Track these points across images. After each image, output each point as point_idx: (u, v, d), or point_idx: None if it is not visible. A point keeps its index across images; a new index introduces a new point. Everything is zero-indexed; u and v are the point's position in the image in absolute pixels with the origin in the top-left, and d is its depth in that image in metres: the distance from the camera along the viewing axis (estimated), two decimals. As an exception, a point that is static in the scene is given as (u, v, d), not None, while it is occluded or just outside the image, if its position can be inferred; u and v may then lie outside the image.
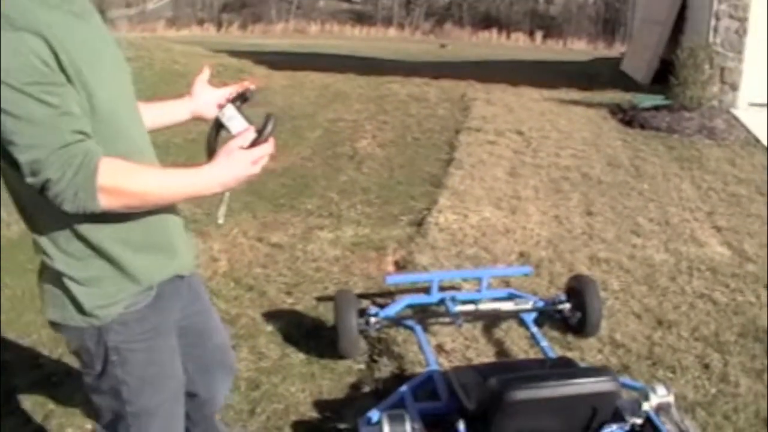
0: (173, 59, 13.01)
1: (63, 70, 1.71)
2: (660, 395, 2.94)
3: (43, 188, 1.68)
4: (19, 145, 1.66)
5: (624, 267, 5.25)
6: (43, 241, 1.90)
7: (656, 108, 9.56)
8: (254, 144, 1.86)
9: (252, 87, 2.26)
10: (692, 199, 6.74)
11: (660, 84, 10.47)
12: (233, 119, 1.99)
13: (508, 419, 2.71)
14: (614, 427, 2.81)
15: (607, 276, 5.08)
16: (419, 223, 5.92)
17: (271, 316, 4.51)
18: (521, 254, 5.41)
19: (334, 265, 5.22)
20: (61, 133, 1.67)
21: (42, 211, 1.81)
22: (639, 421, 2.85)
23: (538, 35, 41.51)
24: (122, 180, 1.72)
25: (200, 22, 44.51)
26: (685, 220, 6.22)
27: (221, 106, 2.11)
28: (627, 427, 2.84)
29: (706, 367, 3.99)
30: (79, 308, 1.91)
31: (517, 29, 43.92)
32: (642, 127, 9.21)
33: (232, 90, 2.30)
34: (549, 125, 9.12)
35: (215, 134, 2.05)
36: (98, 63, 1.84)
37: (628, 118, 9.58)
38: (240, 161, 1.84)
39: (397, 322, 4.24)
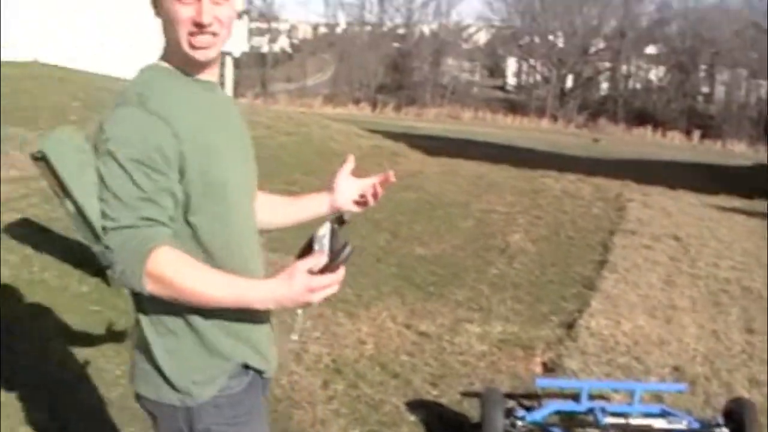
0: (330, 137, 13.42)
1: (182, 160, 1.79)
2: None
3: (106, 252, 1.78)
4: (103, 207, 1.79)
5: (787, 393, 4.95)
6: (140, 311, 1.93)
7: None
8: (324, 270, 1.77)
9: (349, 212, 2.29)
10: None
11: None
12: (322, 239, 1.90)
13: None
14: None
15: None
16: (570, 326, 5.80)
17: (414, 406, 4.48)
18: (675, 368, 5.20)
19: (480, 360, 5.16)
20: (135, 216, 1.74)
21: None
22: None
23: (696, 134, 40.58)
24: (170, 272, 1.73)
25: (356, 101, 45.90)
26: None
27: (330, 220, 2.04)
28: None
29: None
30: (173, 385, 1.91)
31: (674, 127, 43.08)
32: (809, 242, 8.78)
33: (373, 181, 2.32)
34: (708, 233, 8.82)
35: (307, 249, 1.95)
36: (226, 155, 1.90)
37: (794, 230, 9.16)
38: (300, 286, 1.74)
39: (543, 428, 4.13)
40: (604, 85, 60.70)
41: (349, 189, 2.32)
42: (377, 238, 7.73)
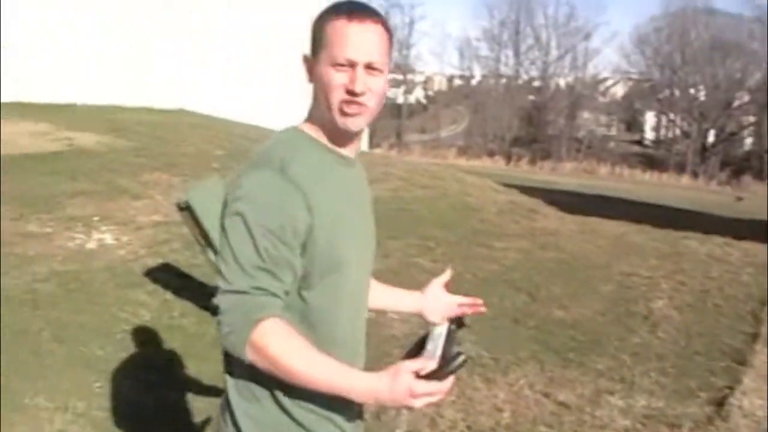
0: (465, 191, 13.34)
1: (309, 234, 1.78)
2: None
3: (215, 311, 1.77)
4: (220, 265, 1.80)
5: None
6: (228, 372, 1.91)
7: None
8: (431, 375, 1.69)
9: (479, 309, 2.32)
10: None
11: None
12: (437, 340, 1.82)
13: None
14: None
15: None
16: (720, 403, 5.46)
17: (554, 483, 4.30)
18: (839, 460, 4.81)
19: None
20: (251, 283, 1.73)
21: None
22: None
23: None
24: (274, 347, 1.70)
25: (490, 154, 45.95)
26: None
27: (449, 320, 2.01)
28: None
29: None
30: None
31: (824, 187, 41.01)
32: None
33: (464, 302, 2.31)
34: None
35: (419, 346, 1.88)
36: (351, 235, 1.90)
37: None
38: (403, 387, 1.67)
39: None
40: (748, 141, 58.66)
41: (438, 301, 2.34)
42: (515, 299, 7.57)
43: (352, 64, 1.82)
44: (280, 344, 1.70)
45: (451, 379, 1.72)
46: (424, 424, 4.90)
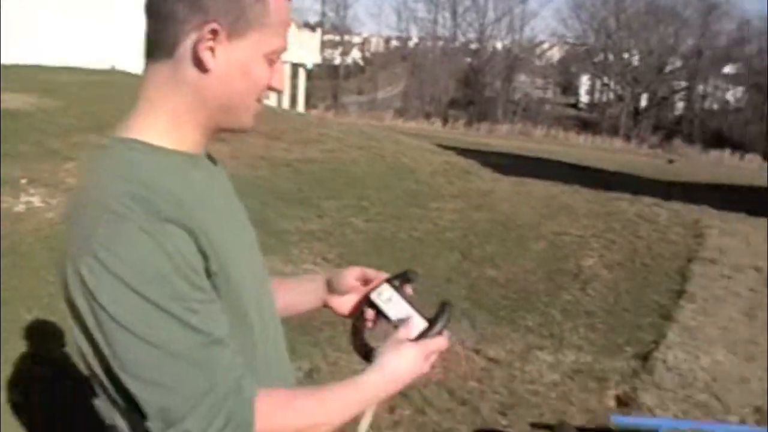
0: (401, 152, 13.36)
1: (209, 276, 1.27)
2: None
3: None
4: (147, 382, 1.19)
5: None
6: None
7: None
8: (423, 336, 1.47)
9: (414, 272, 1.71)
10: None
11: None
12: (392, 303, 1.58)
13: None
14: None
15: None
16: (645, 358, 5.60)
17: (483, 436, 4.38)
18: (757, 409, 4.97)
19: (551, 390, 5.02)
20: (210, 372, 1.21)
21: None
22: None
23: (775, 159, 39.56)
24: (283, 420, 1.31)
25: (427, 116, 46.03)
26: None
27: (367, 298, 1.64)
28: None
29: None
30: None
31: (752, 150, 42.10)
32: None
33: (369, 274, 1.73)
34: (791, 264, 8.49)
35: (364, 321, 1.62)
36: (239, 259, 1.39)
37: None
38: (413, 357, 1.44)
39: None
40: (680, 105, 59.79)
41: (353, 283, 1.75)
42: (448, 258, 7.63)
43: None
44: (286, 415, 1.33)
45: (446, 334, 1.49)
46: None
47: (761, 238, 9.44)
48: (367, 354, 1.52)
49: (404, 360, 1.43)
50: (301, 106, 31.17)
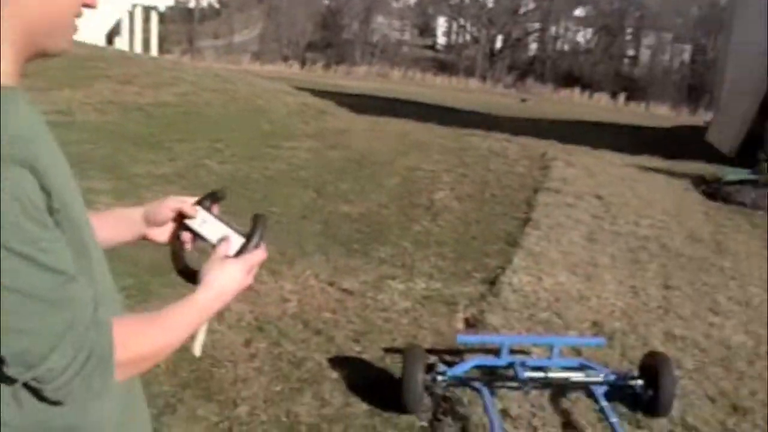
0: (257, 94, 13.24)
1: (51, 213, 1.22)
2: None
3: (35, 381, 1.20)
4: (5, 328, 1.15)
5: (700, 346, 5.09)
6: None
7: (741, 182, 9.34)
8: (242, 251, 1.53)
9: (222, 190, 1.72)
10: (776, 279, 6.55)
11: (747, 157, 10.24)
12: (207, 224, 1.62)
13: None
14: None
15: (682, 354, 4.93)
16: (492, 282, 5.85)
17: (337, 362, 4.48)
18: (594, 323, 5.29)
19: (403, 316, 5.17)
20: (69, 309, 1.20)
21: None
22: None
23: (621, 97, 41.28)
24: (138, 347, 1.34)
25: (285, 59, 45.46)
26: (766, 301, 6.02)
27: (182, 224, 1.66)
28: None
29: (783, 460, 3.84)
30: None
31: (600, 89, 43.75)
32: (725, 201, 9.02)
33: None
34: (629, 192, 8.98)
35: (182, 246, 1.65)
36: (74, 191, 1.36)
37: (711, 190, 9.39)
38: (236, 273, 1.51)
39: (464, 382, 4.18)
40: (533, 46, 61.18)
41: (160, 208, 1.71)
42: (302, 196, 7.67)
43: None
44: (140, 340, 1.35)
45: (264, 246, 1.54)
46: (212, 319, 4.91)
47: (602, 169, 9.94)
48: (190, 276, 1.55)
49: (229, 276, 1.49)
50: (154, 51, 30.19)
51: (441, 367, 4.12)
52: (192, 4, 57.97)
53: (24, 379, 1.19)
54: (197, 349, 1.62)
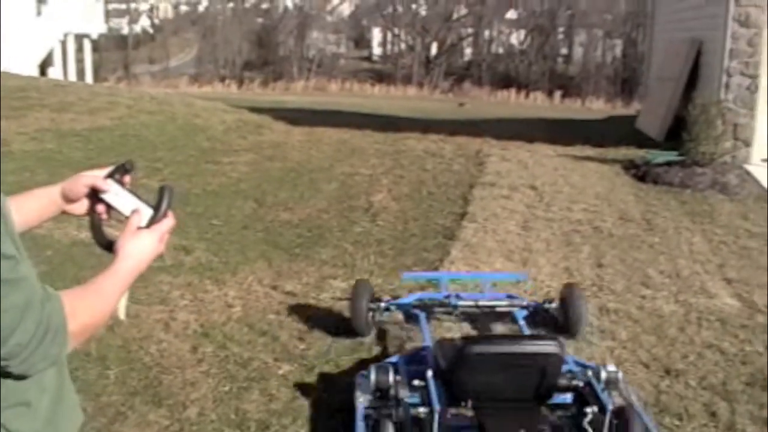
0: (195, 113, 13.28)
1: None
2: (609, 371, 3.45)
3: (4, 359, 1.33)
4: None
5: (633, 317, 5.31)
6: None
7: (669, 164, 9.65)
8: (152, 222, 1.66)
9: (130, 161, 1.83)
10: (703, 252, 6.81)
11: (674, 140, 10.57)
12: (119, 197, 1.71)
13: (468, 373, 3.26)
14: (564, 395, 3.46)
15: (616, 326, 5.14)
16: (431, 274, 6.01)
17: (282, 360, 4.60)
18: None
19: (346, 311, 5.30)
20: (24, 288, 1.32)
21: None
22: (581, 384, 3.39)
23: (557, 95, 41.92)
24: (84, 317, 1.46)
25: (222, 80, 45.29)
26: (695, 272, 6.27)
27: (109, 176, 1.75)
28: (571, 394, 3.46)
29: (713, 415, 4.05)
30: None
31: (536, 89, 44.37)
32: (655, 182, 9.30)
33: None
34: (562, 180, 9.23)
35: (99, 218, 1.75)
36: None
37: (641, 173, 9.68)
38: (148, 242, 1.64)
39: (405, 310, 4.93)
40: (468, 51, 61.74)
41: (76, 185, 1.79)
42: (243, 207, 7.77)
43: None
44: (85, 310, 1.47)
45: (171, 214, 1.68)
46: (159, 329, 5.00)
47: (536, 161, 10.18)
48: (107, 246, 1.68)
49: (143, 245, 1.63)
50: (89, 79, 29.90)
51: (385, 298, 4.91)
52: (125, 31, 57.56)
53: (7, 354, 1.31)
54: (122, 313, 1.73)
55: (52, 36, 26.84)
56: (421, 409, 3.35)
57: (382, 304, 4.80)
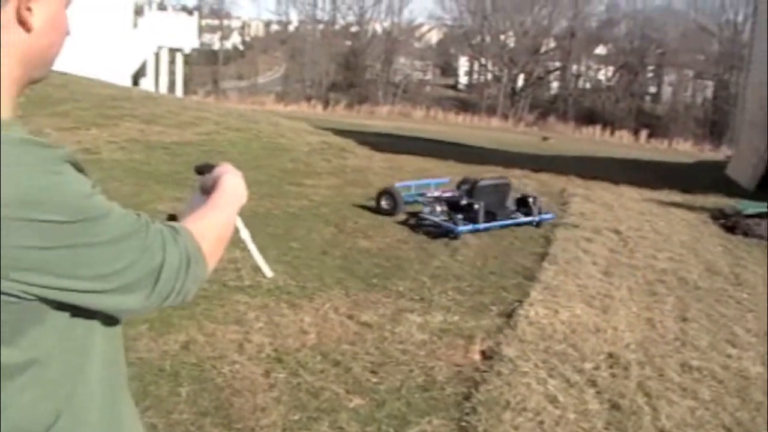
0: (280, 133, 13.44)
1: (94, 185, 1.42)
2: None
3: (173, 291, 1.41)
4: (140, 252, 1.35)
5: (717, 377, 5.10)
6: None
7: (760, 215, 9.35)
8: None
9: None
10: (794, 312, 6.55)
11: (766, 190, 10.26)
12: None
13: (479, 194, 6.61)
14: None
15: (698, 385, 4.96)
16: (509, 315, 5.90)
17: (354, 392, 4.55)
18: (610, 355, 5.32)
19: (420, 348, 5.24)
20: (153, 229, 1.40)
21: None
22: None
23: (643, 134, 41.36)
24: (212, 232, 1.54)
25: (308, 99, 45.94)
26: (784, 333, 6.03)
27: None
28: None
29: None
30: None
31: (622, 126, 43.82)
32: (745, 234, 9.02)
33: None
34: (647, 226, 9.02)
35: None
36: None
37: (730, 224, 9.40)
38: (240, 180, 1.76)
39: None
40: (555, 85, 61.49)
41: None
42: (323, 232, 7.79)
43: None
44: (207, 233, 1.52)
45: None
46: (233, 350, 5.02)
47: (621, 204, 9.98)
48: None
49: (236, 179, 1.74)
50: (179, 92, 30.66)
51: None
52: (217, 46, 58.89)
53: (165, 291, 1.39)
54: (268, 271, 1.89)
55: (147, 48, 27.62)
56: None
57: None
